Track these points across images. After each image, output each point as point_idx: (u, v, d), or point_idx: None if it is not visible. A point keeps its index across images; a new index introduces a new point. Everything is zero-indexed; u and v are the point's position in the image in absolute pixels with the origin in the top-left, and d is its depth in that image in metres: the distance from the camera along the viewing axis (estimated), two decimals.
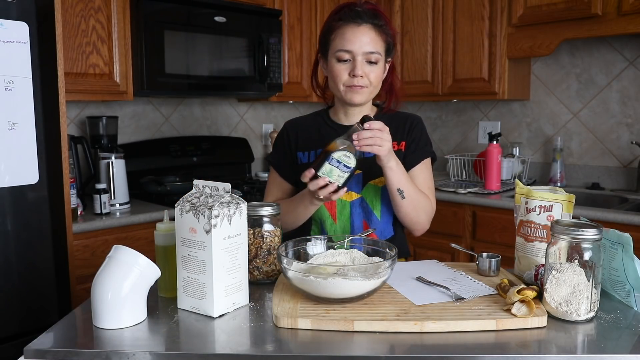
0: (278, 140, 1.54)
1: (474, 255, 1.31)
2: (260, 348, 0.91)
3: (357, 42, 1.32)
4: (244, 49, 2.69)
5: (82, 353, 0.90)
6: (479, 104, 3.25)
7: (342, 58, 1.34)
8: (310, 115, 1.56)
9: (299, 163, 1.47)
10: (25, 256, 1.73)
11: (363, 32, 1.33)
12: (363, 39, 1.32)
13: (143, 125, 2.83)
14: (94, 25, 2.25)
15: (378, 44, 1.34)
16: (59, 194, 1.82)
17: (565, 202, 1.19)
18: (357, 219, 1.42)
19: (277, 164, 1.52)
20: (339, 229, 1.43)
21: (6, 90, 1.64)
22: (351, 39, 1.33)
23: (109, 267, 0.99)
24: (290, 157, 1.50)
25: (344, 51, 1.33)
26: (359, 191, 1.42)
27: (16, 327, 1.71)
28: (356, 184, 1.42)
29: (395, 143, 1.42)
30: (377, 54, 1.34)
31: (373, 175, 1.41)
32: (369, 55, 1.33)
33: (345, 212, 1.42)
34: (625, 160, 2.73)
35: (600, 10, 2.38)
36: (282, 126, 1.55)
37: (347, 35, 1.33)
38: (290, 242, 1.17)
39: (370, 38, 1.33)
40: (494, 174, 2.68)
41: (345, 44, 1.33)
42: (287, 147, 1.50)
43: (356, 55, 1.33)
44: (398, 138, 1.44)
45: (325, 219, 1.44)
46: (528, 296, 0.99)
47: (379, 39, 1.35)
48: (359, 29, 1.33)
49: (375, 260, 1.14)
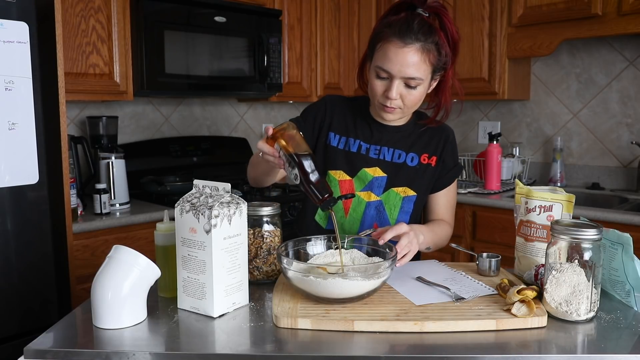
0: (310, 109, 1.46)
1: (474, 255, 1.31)
2: (260, 348, 0.91)
3: (398, 65, 1.22)
4: (244, 49, 2.69)
5: (82, 353, 0.90)
6: (479, 104, 3.25)
7: (380, 75, 1.27)
8: (352, 99, 1.48)
9: (327, 142, 1.42)
10: (25, 256, 1.73)
11: (407, 54, 1.22)
12: (405, 62, 1.22)
13: (143, 125, 2.83)
14: (94, 25, 2.25)
15: (422, 68, 1.24)
16: (59, 194, 1.82)
17: (565, 202, 1.19)
18: (368, 220, 1.40)
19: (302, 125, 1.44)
20: (347, 224, 1.41)
21: (6, 90, 1.64)
22: (392, 60, 1.23)
23: (109, 267, 0.99)
24: (313, 130, 1.43)
25: (383, 70, 1.25)
26: (379, 194, 1.39)
27: (16, 327, 1.71)
28: (378, 186, 1.39)
29: (426, 156, 1.40)
30: (417, 79, 1.24)
31: (398, 182, 1.39)
32: (408, 80, 1.24)
33: (359, 209, 1.40)
34: (625, 160, 2.73)
35: (600, 10, 2.38)
36: (322, 98, 1.47)
37: (390, 55, 1.23)
38: (290, 242, 1.17)
39: (414, 62, 1.22)
40: (494, 174, 2.68)
41: (385, 63, 1.24)
42: (319, 119, 1.43)
43: (394, 77, 1.24)
44: (430, 152, 1.41)
45: (336, 211, 1.41)
46: (528, 296, 0.99)
47: (424, 62, 1.24)
48: (403, 50, 1.22)
49: (375, 260, 1.14)
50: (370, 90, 1.32)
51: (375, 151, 1.40)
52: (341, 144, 1.41)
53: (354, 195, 1.38)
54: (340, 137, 1.42)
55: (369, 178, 1.39)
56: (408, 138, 1.42)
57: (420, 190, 1.40)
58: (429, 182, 1.42)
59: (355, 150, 1.40)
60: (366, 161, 1.39)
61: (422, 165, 1.40)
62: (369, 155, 1.39)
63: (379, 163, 1.39)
